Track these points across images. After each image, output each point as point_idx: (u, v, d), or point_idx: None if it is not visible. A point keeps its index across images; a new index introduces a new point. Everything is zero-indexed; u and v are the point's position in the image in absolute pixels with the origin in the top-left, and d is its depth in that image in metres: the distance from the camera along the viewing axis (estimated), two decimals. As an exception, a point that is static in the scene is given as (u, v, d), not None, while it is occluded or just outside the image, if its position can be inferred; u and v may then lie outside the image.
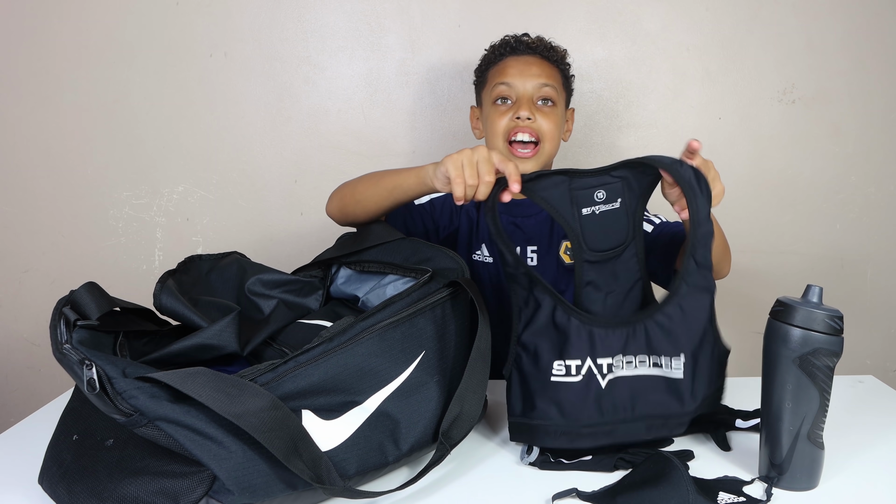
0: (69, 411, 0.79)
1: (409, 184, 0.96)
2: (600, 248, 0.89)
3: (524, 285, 0.85)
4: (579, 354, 0.82)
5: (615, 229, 0.89)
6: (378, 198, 1.01)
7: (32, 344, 1.65)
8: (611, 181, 0.88)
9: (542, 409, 0.83)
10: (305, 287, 1.00)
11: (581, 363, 0.82)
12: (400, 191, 0.98)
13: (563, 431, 0.83)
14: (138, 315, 0.87)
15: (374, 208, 1.02)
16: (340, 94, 1.57)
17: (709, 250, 0.85)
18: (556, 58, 1.23)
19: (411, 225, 1.17)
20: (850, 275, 1.67)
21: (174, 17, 1.53)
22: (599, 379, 0.82)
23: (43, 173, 1.58)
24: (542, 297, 0.84)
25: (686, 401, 0.84)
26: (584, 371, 0.82)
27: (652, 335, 0.83)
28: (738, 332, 1.66)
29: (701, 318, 0.85)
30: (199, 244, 1.61)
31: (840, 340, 0.74)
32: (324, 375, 0.72)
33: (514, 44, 1.23)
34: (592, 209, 0.88)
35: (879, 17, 1.56)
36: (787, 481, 0.76)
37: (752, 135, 1.60)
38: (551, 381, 0.82)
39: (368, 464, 0.73)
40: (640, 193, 0.89)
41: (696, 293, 0.85)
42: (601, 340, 0.82)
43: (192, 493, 0.65)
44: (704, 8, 1.55)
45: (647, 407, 0.83)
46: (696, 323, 0.84)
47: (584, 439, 0.83)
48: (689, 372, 0.84)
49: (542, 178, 0.88)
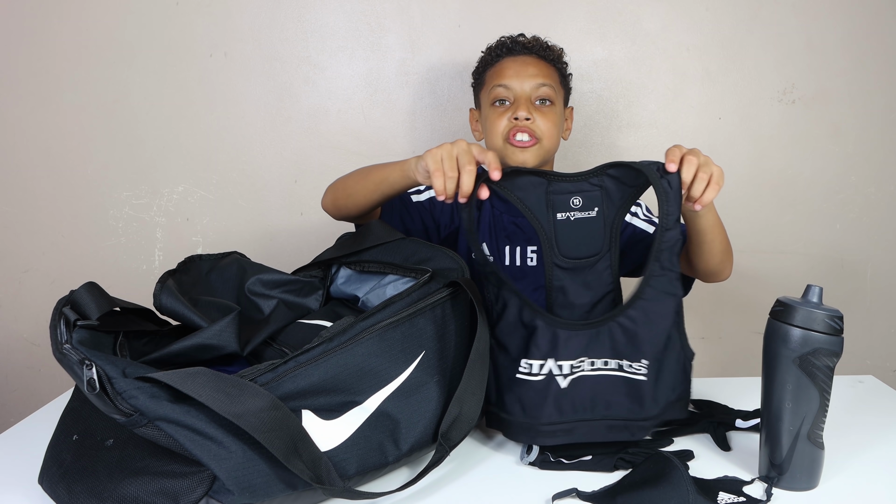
0: (69, 411, 0.79)
1: (394, 177, 0.98)
2: (573, 255, 0.90)
3: (494, 284, 0.86)
4: (541, 355, 0.83)
5: (590, 238, 0.89)
6: (366, 192, 1.02)
7: (32, 344, 1.65)
8: (588, 189, 0.88)
9: (508, 404, 0.85)
10: (305, 287, 0.99)
11: (542, 363, 0.83)
12: (386, 184, 0.99)
13: (524, 428, 0.84)
14: (138, 315, 0.87)
15: (364, 202, 1.03)
16: (340, 94, 1.57)
17: (675, 255, 0.85)
18: (552, 57, 1.23)
19: (409, 222, 1.17)
20: (850, 275, 1.66)
21: (174, 17, 1.53)
22: (560, 379, 0.83)
23: (43, 173, 1.58)
24: (510, 297, 0.85)
25: (647, 405, 0.84)
26: (544, 371, 0.83)
27: (616, 338, 0.84)
28: (738, 332, 1.66)
29: (665, 322, 0.85)
30: (199, 244, 1.61)
31: (840, 340, 0.74)
32: (324, 375, 0.72)
33: (511, 44, 1.23)
34: (567, 215, 0.88)
35: (879, 17, 1.56)
36: (787, 481, 0.76)
37: (752, 135, 1.60)
38: (517, 377, 0.84)
39: (368, 464, 0.73)
40: (620, 205, 0.89)
41: (660, 297, 0.85)
42: (564, 342, 0.83)
43: (192, 493, 0.65)
44: (704, 8, 1.55)
45: (607, 409, 0.84)
46: (660, 327, 0.85)
47: (544, 437, 0.84)
48: (653, 376, 0.84)
49: (521, 176, 0.88)
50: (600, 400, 0.84)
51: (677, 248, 0.85)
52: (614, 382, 0.84)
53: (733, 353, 1.65)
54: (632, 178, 0.88)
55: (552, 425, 0.83)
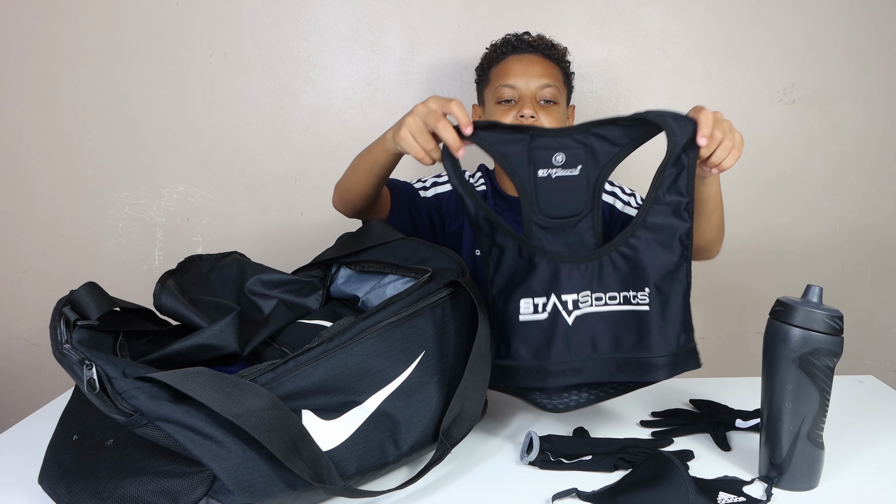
0: (69, 411, 0.79)
1: (381, 158, 0.98)
2: (553, 213, 0.87)
3: (486, 232, 0.85)
4: (544, 291, 0.82)
5: (572, 197, 0.87)
6: (362, 180, 1.02)
7: (32, 344, 1.65)
8: (572, 146, 0.86)
9: (514, 349, 0.83)
10: (305, 287, 0.99)
11: (546, 300, 0.82)
12: (377, 166, 0.99)
13: (532, 370, 0.83)
14: (138, 315, 0.87)
15: (364, 190, 1.03)
16: (340, 94, 1.57)
17: (675, 187, 0.84)
18: (556, 56, 1.23)
19: (417, 216, 1.18)
20: (850, 275, 1.67)
21: (174, 17, 1.53)
22: (565, 315, 0.82)
23: (43, 173, 1.58)
24: (505, 240, 0.84)
25: (655, 340, 0.82)
26: (549, 308, 0.82)
27: (619, 267, 0.83)
28: (738, 332, 1.66)
29: (668, 250, 0.83)
30: (199, 244, 1.61)
31: (840, 340, 0.74)
32: (324, 375, 0.72)
33: (516, 42, 1.23)
34: (549, 172, 0.86)
35: (879, 17, 1.56)
36: (787, 481, 0.76)
37: (752, 135, 1.60)
38: (520, 320, 0.83)
39: (368, 464, 0.73)
40: (604, 164, 0.87)
41: (665, 222, 0.83)
42: (567, 276, 0.82)
43: (192, 493, 0.65)
44: (704, 8, 1.55)
45: (616, 346, 0.83)
46: (663, 255, 0.83)
47: (554, 377, 0.82)
48: (657, 307, 0.83)
49: (499, 131, 0.85)
50: (608, 336, 0.83)
51: (669, 183, 0.84)
52: (621, 318, 0.83)
53: (733, 353, 1.65)
54: (620, 136, 0.86)
55: (561, 364, 0.82)
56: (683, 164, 0.85)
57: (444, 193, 1.22)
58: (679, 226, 0.85)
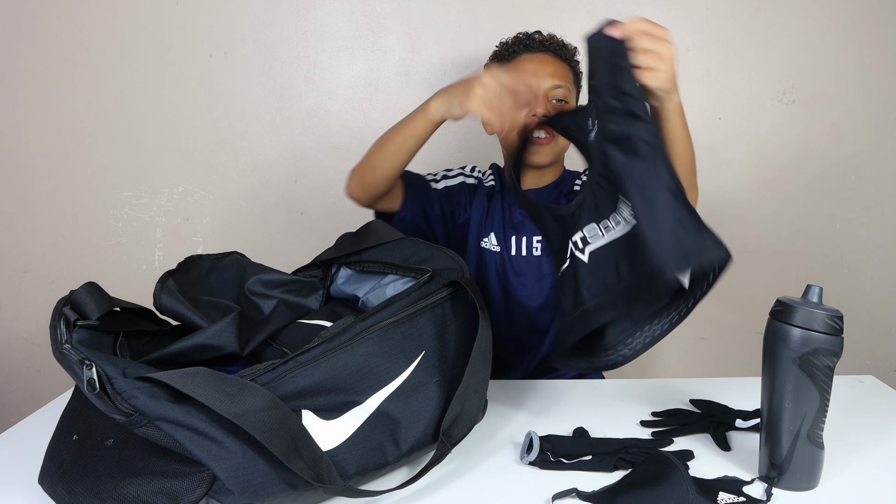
0: (69, 411, 0.79)
1: (419, 129, 1.01)
2: None
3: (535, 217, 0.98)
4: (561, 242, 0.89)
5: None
6: (392, 156, 1.04)
7: (32, 344, 1.65)
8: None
9: (563, 308, 0.86)
10: (305, 287, 0.99)
11: (564, 249, 0.87)
12: (412, 139, 1.02)
13: (579, 320, 0.82)
14: (138, 315, 0.87)
15: (394, 168, 1.06)
16: (340, 94, 1.57)
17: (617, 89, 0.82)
18: (567, 56, 1.23)
19: (429, 207, 1.19)
20: (850, 275, 1.67)
21: (174, 17, 1.53)
22: (579, 255, 0.84)
23: (43, 173, 1.58)
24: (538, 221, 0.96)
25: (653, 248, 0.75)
26: (568, 255, 0.86)
27: (606, 190, 0.83)
28: (738, 332, 1.66)
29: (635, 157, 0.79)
30: (199, 244, 1.62)
31: (840, 340, 0.74)
32: (324, 375, 0.72)
33: (527, 41, 1.23)
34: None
35: (879, 17, 1.56)
36: (787, 481, 0.76)
37: (752, 135, 1.60)
38: (557, 276, 0.89)
39: (368, 464, 0.73)
40: None
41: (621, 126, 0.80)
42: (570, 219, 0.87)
43: (192, 493, 0.65)
44: (704, 8, 1.55)
45: (631, 269, 0.79)
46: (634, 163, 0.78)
47: (598, 315, 0.81)
48: (647, 216, 0.76)
49: None
50: (622, 263, 0.80)
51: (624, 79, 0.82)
52: (626, 241, 0.80)
53: (733, 353, 1.65)
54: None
55: (594, 300, 0.81)
56: (620, 67, 0.84)
57: (453, 186, 1.24)
58: (637, 126, 0.80)
